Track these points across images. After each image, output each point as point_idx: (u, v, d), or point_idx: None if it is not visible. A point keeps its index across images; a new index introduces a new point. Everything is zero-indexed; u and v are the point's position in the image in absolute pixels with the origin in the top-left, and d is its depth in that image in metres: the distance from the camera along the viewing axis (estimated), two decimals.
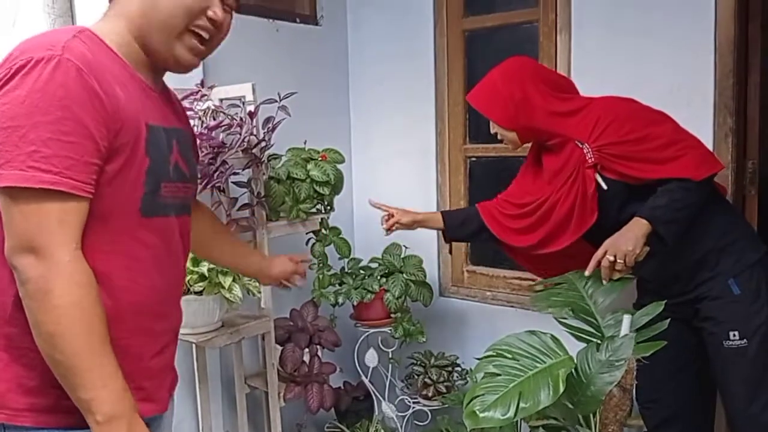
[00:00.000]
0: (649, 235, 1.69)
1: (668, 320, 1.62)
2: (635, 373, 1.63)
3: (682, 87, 2.16)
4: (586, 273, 1.73)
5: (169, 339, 1.24)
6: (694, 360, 1.92)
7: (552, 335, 1.62)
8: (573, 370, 1.54)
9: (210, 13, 1.13)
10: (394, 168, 2.94)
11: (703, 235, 1.79)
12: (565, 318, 1.72)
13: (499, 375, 1.54)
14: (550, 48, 2.44)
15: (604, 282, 1.71)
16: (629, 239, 1.68)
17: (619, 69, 2.28)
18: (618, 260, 1.67)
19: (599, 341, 1.62)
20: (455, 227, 2.17)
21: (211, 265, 2.00)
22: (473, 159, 2.79)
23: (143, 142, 1.08)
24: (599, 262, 1.70)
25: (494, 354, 1.64)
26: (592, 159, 1.78)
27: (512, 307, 2.64)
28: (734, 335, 1.75)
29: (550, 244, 1.92)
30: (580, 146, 1.81)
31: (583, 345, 1.65)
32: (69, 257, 0.97)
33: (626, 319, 1.61)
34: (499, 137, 1.97)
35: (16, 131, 0.95)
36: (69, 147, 0.96)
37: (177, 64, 1.17)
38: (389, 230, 2.18)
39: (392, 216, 2.18)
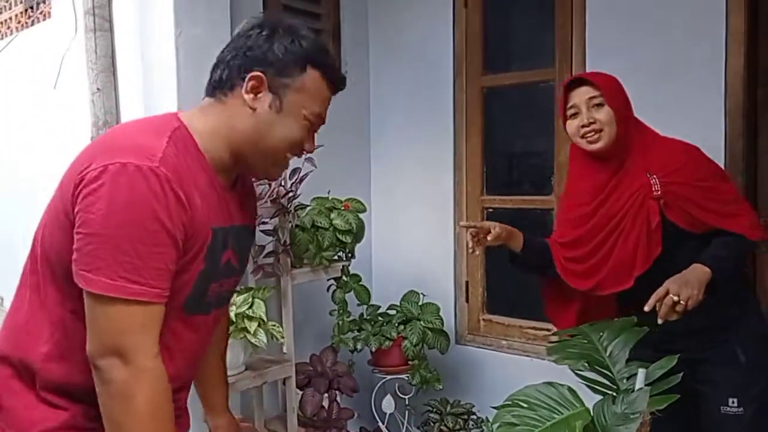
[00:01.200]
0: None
1: (681, 374, 1.67)
2: (649, 427, 1.67)
3: (696, 141, 2.24)
4: (646, 308, 1.63)
5: (181, 395, 1.28)
6: (683, 419, 1.87)
7: (569, 387, 1.67)
8: (590, 422, 1.58)
9: (307, 146, 1.21)
10: (413, 217, 3.02)
11: (731, 299, 1.78)
12: (581, 370, 1.77)
13: (517, 425, 1.58)
14: None
15: (659, 321, 1.63)
16: (694, 283, 1.62)
17: None
18: (681, 301, 1.60)
19: (615, 394, 1.66)
20: (531, 254, 1.99)
21: (238, 310, 2.07)
22: (490, 210, 2.87)
23: (205, 248, 1.11)
24: (660, 300, 1.62)
25: (512, 404, 1.68)
26: (659, 192, 1.74)
27: (528, 356, 2.68)
28: (733, 402, 1.75)
29: (613, 284, 1.82)
30: (648, 176, 1.77)
31: (598, 397, 1.69)
32: (152, 363, 1.03)
33: (641, 372, 1.65)
34: (588, 122, 1.77)
35: (110, 239, 0.99)
36: (158, 258, 1.02)
37: (264, 177, 1.27)
38: (476, 247, 1.92)
39: (483, 232, 1.90)
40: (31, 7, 3.11)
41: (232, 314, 2.07)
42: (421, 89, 2.95)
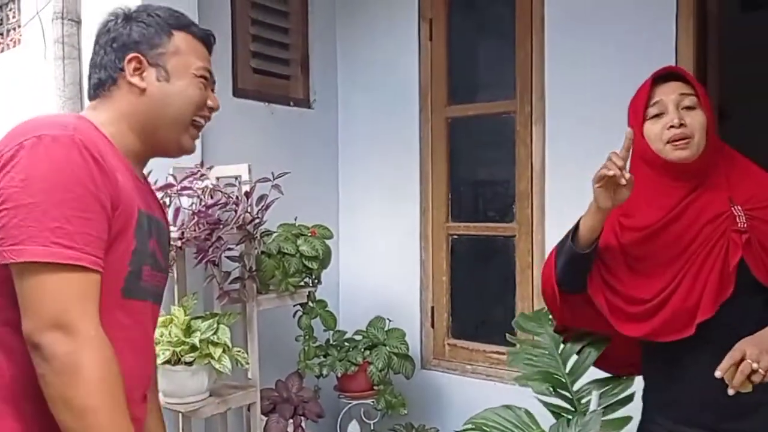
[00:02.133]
0: None
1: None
2: None
3: None
4: (717, 373, 1.30)
5: (140, 405, 1.23)
6: None
7: (526, 410, 1.72)
8: None
9: (210, 102, 1.25)
10: (380, 244, 3.07)
11: None
12: (545, 394, 1.80)
13: None
14: (526, 137, 2.63)
15: (730, 392, 1.31)
16: None
17: (590, 157, 2.45)
18: (761, 369, 1.29)
19: (570, 416, 1.71)
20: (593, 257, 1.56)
21: (203, 336, 2.08)
22: (455, 236, 2.93)
23: (134, 225, 1.11)
24: (736, 365, 1.31)
25: (472, 427, 1.72)
26: (745, 225, 1.44)
27: (491, 380, 2.72)
28: None
29: (672, 330, 1.47)
30: (731, 205, 1.47)
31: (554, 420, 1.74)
32: (94, 331, 1.00)
33: (594, 395, 1.71)
34: (679, 122, 1.45)
35: (37, 207, 0.97)
36: (88, 224, 1.00)
37: (180, 151, 1.26)
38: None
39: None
40: (1, 34, 3.12)
41: (196, 340, 2.08)
42: (388, 118, 3.02)
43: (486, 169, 2.98)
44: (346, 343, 2.73)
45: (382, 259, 3.05)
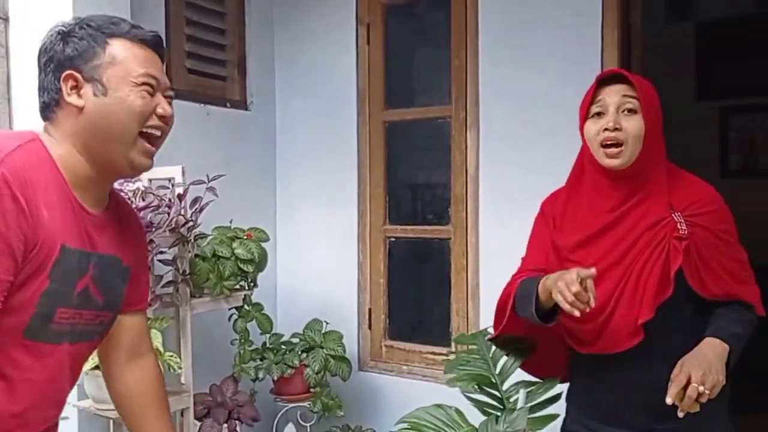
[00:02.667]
0: None
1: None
2: None
3: None
4: (668, 400, 1.32)
5: None
6: None
7: (457, 409, 1.76)
8: None
9: (159, 110, 1.16)
10: (318, 246, 3.07)
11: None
12: (471, 392, 1.86)
13: None
14: (461, 141, 2.69)
15: (680, 415, 1.32)
16: (719, 367, 1.34)
17: (523, 161, 2.54)
18: (707, 390, 1.30)
19: (499, 414, 1.76)
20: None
21: None
22: (392, 239, 2.96)
23: (50, 264, 1.06)
24: (683, 389, 1.31)
25: (406, 427, 1.75)
26: (685, 231, 1.44)
27: (427, 380, 2.77)
28: None
29: (625, 338, 1.46)
30: (672, 212, 1.47)
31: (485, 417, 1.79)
32: None
33: (522, 393, 1.77)
34: (614, 126, 1.45)
35: None
36: None
37: (133, 169, 1.18)
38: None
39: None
40: None
41: None
42: (326, 121, 3.03)
43: (423, 172, 3.03)
44: (282, 346, 2.72)
45: (320, 262, 3.06)
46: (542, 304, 1.49)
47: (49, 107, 1.16)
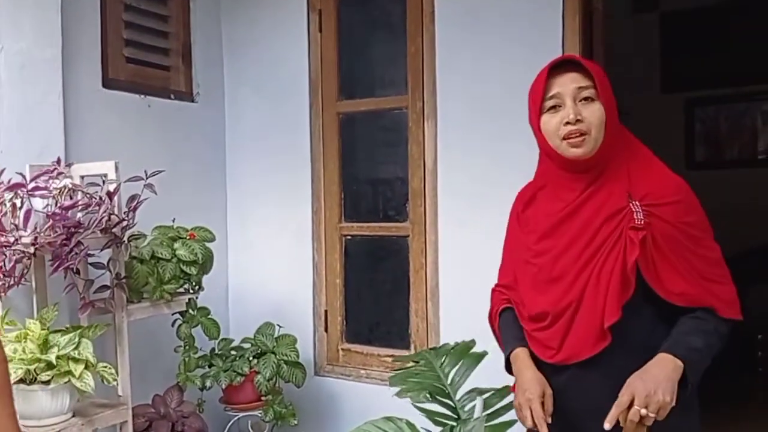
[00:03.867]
0: None
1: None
2: None
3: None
4: (606, 426, 1.25)
5: None
6: None
7: (407, 421, 1.63)
8: None
9: None
10: (271, 245, 2.92)
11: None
12: (422, 402, 1.74)
13: None
14: (418, 133, 2.57)
15: None
16: (666, 387, 1.25)
17: (483, 153, 2.42)
18: (651, 413, 1.23)
19: (455, 423, 1.64)
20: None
21: (61, 352, 1.88)
22: (348, 237, 2.83)
23: None
24: (624, 413, 1.25)
25: None
26: (642, 221, 1.34)
27: (386, 385, 2.62)
28: None
29: (591, 344, 1.37)
30: (630, 201, 1.38)
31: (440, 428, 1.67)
32: None
33: (479, 401, 1.65)
34: (575, 118, 1.36)
35: None
36: None
37: None
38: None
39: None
40: None
41: (52, 357, 1.87)
42: (278, 114, 2.88)
43: (379, 167, 2.89)
44: (232, 352, 2.57)
45: (274, 262, 2.91)
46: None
47: None
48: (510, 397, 1.70)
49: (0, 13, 2.07)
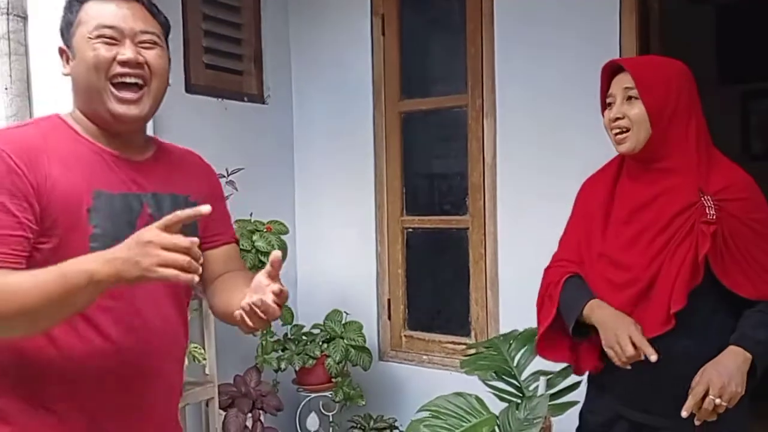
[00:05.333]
0: None
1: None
2: (551, 430, 1.78)
3: (598, 163, 2.40)
4: (683, 413, 1.34)
5: (148, 386, 1.23)
6: None
7: (477, 396, 1.78)
8: (496, 428, 1.69)
9: (120, 57, 1.16)
10: (337, 238, 3.09)
11: None
12: (490, 380, 1.88)
13: None
14: (477, 130, 2.69)
15: (696, 423, 1.35)
16: (738, 378, 1.35)
17: (540, 149, 2.53)
18: (724, 402, 1.33)
19: (519, 401, 1.78)
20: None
21: None
22: (410, 230, 2.97)
23: (84, 212, 1.12)
24: (700, 402, 1.34)
25: (428, 415, 1.77)
26: (714, 216, 1.41)
27: (447, 369, 2.78)
28: None
29: (656, 324, 1.44)
30: (701, 195, 1.44)
31: (506, 405, 1.80)
32: None
33: (542, 380, 1.78)
34: (615, 116, 1.49)
35: None
36: None
37: (116, 120, 1.18)
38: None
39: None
40: None
41: None
42: (343, 114, 3.04)
43: (439, 162, 3.03)
44: (303, 337, 2.75)
45: (339, 254, 3.08)
46: (580, 320, 1.52)
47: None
48: (571, 379, 1.82)
49: None
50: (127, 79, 1.17)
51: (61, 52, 1.22)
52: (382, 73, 2.93)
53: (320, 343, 2.68)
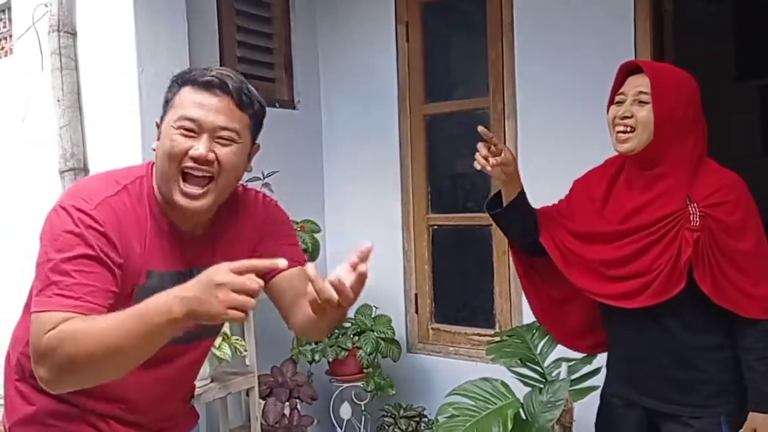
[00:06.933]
0: None
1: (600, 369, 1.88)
2: (573, 412, 1.91)
3: None
4: None
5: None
6: None
7: (502, 381, 1.91)
8: (520, 410, 1.82)
9: (192, 152, 1.18)
10: (365, 236, 3.22)
11: (723, 362, 1.58)
12: (514, 366, 2.00)
13: (458, 416, 1.81)
14: (499, 131, 2.81)
15: None
16: None
17: (560, 150, 2.64)
18: None
19: (542, 386, 1.90)
20: (519, 209, 1.79)
21: None
22: (435, 227, 3.11)
23: (135, 289, 1.21)
24: None
25: (455, 401, 1.91)
26: (698, 222, 1.49)
27: (473, 360, 2.91)
28: None
29: (625, 299, 1.57)
30: (688, 203, 1.51)
31: (528, 390, 1.93)
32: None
33: (564, 366, 1.90)
34: (623, 114, 1.56)
35: (47, 265, 1.13)
36: (92, 277, 1.12)
37: (180, 210, 1.23)
38: (486, 163, 1.69)
39: (497, 153, 1.68)
40: None
41: None
42: (369, 117, 3.18)
43: (463, 162, 3.15)
44: (335, 330, 2.89)
45: None
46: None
47: None
48: (592, 365, 1.94)
49: (141, 42, 2.44)
50: (196, 173, 1.20)
51: (157, 125, 1.27)
52: (407, 78, 3.07)
53: (351, 336, 2.83)
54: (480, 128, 1.67)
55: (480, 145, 1.67)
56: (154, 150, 1.26)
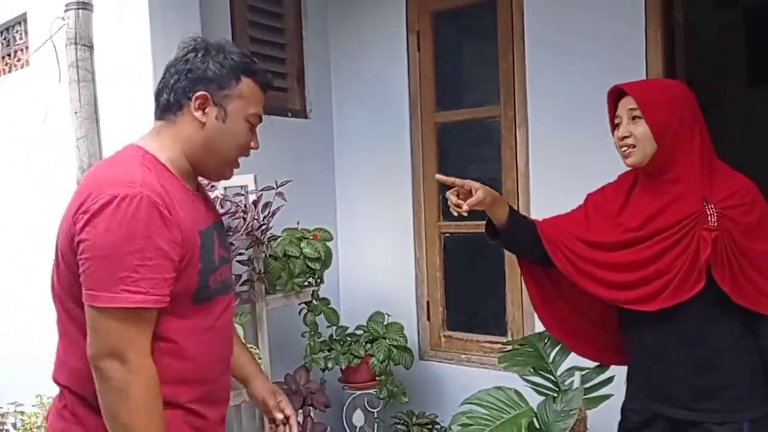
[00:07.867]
0: None
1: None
2: (587, 421, 1.91)
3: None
4: None
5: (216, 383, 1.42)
6: None
7: (516, 390, 1.91)
8: (534, 419, 1.83)
9: (253, 144, 1.40)
10: (376, 243, 3.26)
11: (746, 366, 1.59)
12: (527, 375, 2.02)
13: (472, 425, 1.82)
14: (510, 140, 2.83)
15: None
16: None
17: (571, 158, 2.66)
18: None
19: (555, 394, 1.91)
20: (517, 229, 1.86)
21: None
22: (447, 235, 3.12)
23: (198, 251, 1.28)
24: None
25: (468, 410, 1.92)
26: (715, 223, 1.53)
27: (485, 368, 2.92)
28: None
29: (645, 302, 1.59)
30: (705, 204, 1.55)
31: (542, 399, 1.94)
32: (146, 363, 1.20)
33: (577, 375, 1.91)
34: (622, 135, 1.62)
35: (108, 260, 1.16)
36: (152, 269, 1.17)
37: (219, 179, 1.44)
38: (461, 210, 1.83)
39: (464, 192, 1.83)
40: (9, 55, 3.29)
41: None
42: (381, 126, 3.21)
43: (474, 170, 3.18)
44: (348, 338, 2.91)
45: (379, 258, 3.24)
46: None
47: (171, 108, 1.35)
48: (605, 374, 1.95)
49: (156, 54, 2.48)
50: (244, 157, 1.42)
51: (204, 98, 1.32)
52: (418, 87, 3.09)
53: (364, 344, 2.85)
54: (437, 176, 1.88)
55: (449, 194, 1.81)
56: (203, 123, 1.33)
